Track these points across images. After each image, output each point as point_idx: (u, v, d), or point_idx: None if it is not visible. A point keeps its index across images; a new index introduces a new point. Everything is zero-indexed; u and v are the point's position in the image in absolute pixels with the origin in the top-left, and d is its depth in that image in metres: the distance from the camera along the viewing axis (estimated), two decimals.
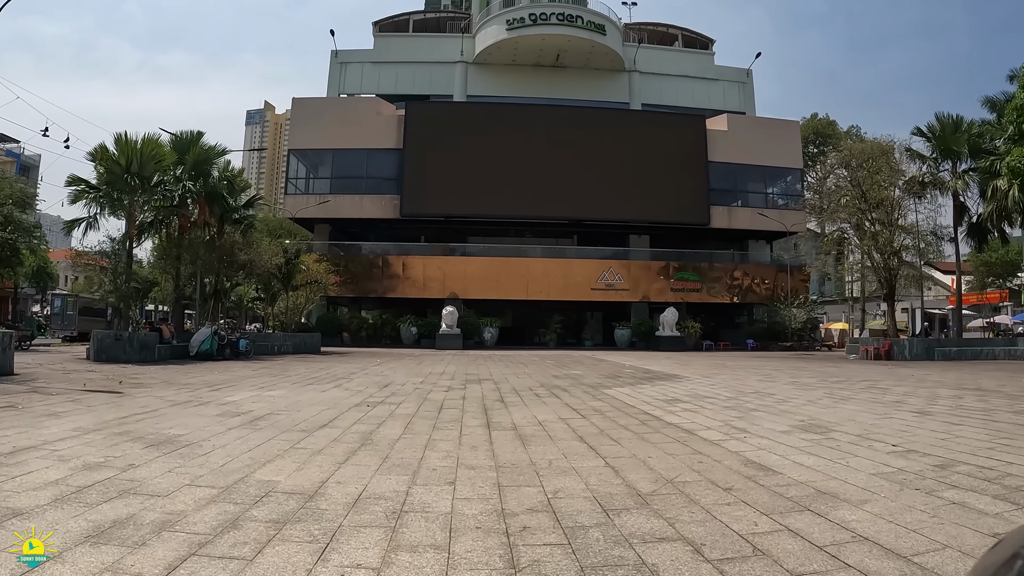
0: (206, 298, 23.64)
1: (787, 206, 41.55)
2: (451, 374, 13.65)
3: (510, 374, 13.90)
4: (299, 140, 35.69)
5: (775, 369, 17.08)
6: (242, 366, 15.43)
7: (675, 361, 21.23)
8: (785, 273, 38.64)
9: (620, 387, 10.99)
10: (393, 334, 32.71)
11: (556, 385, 11.20)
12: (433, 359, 20.57)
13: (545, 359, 21.52)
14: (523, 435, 5.89)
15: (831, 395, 9.87)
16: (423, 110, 36.55)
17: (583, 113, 37.80)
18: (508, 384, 11.27)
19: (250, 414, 6.96)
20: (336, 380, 11.59)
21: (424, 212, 35.19)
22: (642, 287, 36.04)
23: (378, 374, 13.37)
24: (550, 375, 13.80)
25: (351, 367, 15.64)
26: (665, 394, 9.93)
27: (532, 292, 34.43)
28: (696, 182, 37.76)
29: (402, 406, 7.93)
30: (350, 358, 20.62)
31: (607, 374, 14.34)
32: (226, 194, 23.75)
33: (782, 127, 41.95)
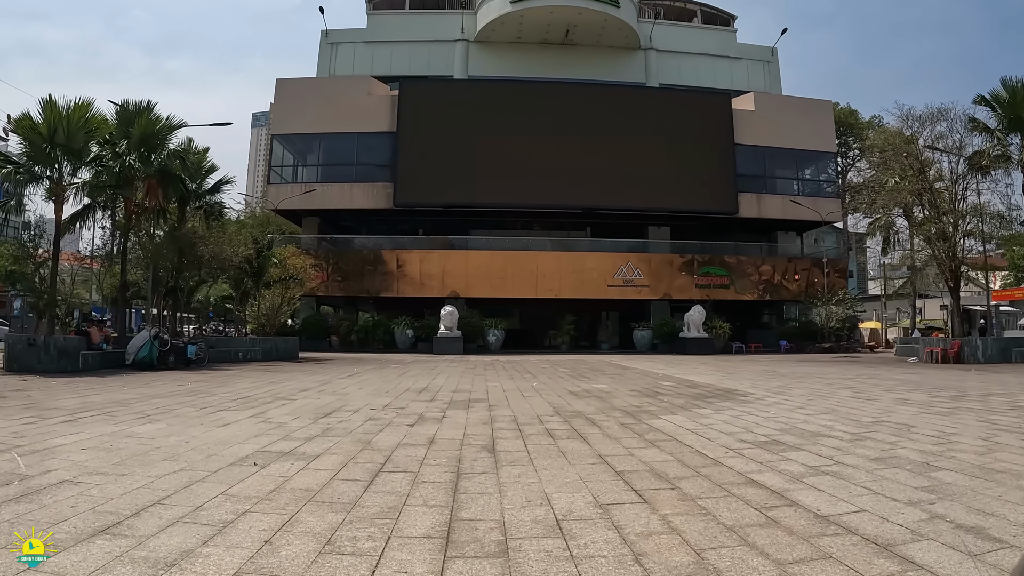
0: (162, 297, 20.40)
1: (821, 193, 37.94)
2: (435, 391, 10.23)
3: (513, 391, 10.45)
4: (283, 124, 32.35)
5: (844, 378, 13.55)
6: (175, 379, 12.08)
7: (714, 368, 17.72)
8: (819, 267, 34.99)
9: (670, 414, 7.53)
10: (387, 337, 29.35)
11: (576, 411, 7.76)
12: (424, 367, 17.17)
13: (557, 366, 18.06)
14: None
15: (985, 422, 6.36)
16: (419, 89, 33.09)
17: (597, 91, 34.24)
18: (508, 410, 7.81)
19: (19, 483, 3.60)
20: (268, 403, 8.20)
21: (420, 201, 31.75)
22: (663, 283, 32.47)
23: (337, 392, 9.97)
24: (566, 391, 10.34)
25: (312, 380, 12.26)
26: (747, 428, 6.44)
27: (541, 290, 30.97)
28: (722, 167, 34.17)
29: (315, 464, 4.52)
30: (325, 367, 17.27)
31: (642, 389, 10.85)
32: (184, 176, 20.52)
33: (814, 107, 38.19)
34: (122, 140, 17.82)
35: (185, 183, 20.16)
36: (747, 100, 36.77)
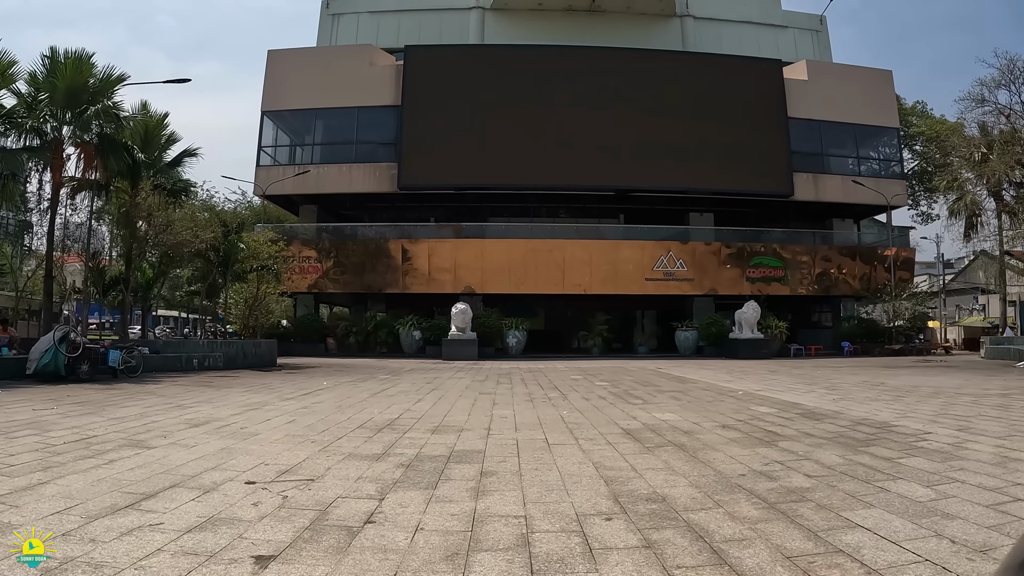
0: (106, 288, 16.89)
1: (883, 174, 33.34)
2: (403, 429, 6.31)
3: (530, 428, 6.47)
4: (275, 100, 28.64)
5: (1001, 394, 9.29)
6: (50, 398, 8.29)
7: (796, 378, 13.57)
8: (881, 258, 30.50)
9: (861, 504, 3.46)
10: (391, 340, 25.54)
11: (655, 495, 3.75)
12: (419, 379, 13.30)
13: (593, 377, 14.05)
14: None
15: None
16: (427, 56, 29.03)
17: (630, 57, 29.94)
18: (514, 497, 3.79)
19: None
20: (108, 453, 4.38)
21: (428, 183, 27.80)
22: (709, 277, 28.15)
23: (240, 432, 6.11)
24: (616, 430, 6.32)
25: (243, 401, 8.44)
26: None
27: (569, 285, 26.90)
28: (774, 143, 29.77)
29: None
30: (293, 378, 13.51)
31: (736, 423, 6.77)
32: (134, 145, 16.99)
33: (872, 77, 33.41)
34: (43, 94, 14.29)
35: (133, 153, 16.60)
36: (799, 69, 32.33)
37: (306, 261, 26.51)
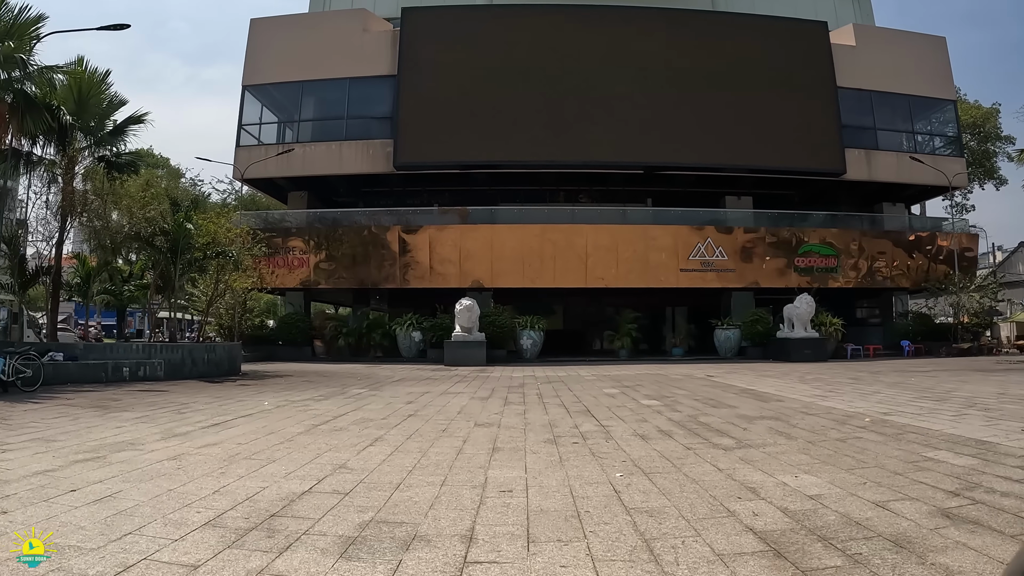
0: (27, 282, 13.88)
1: (940, 151, 29.64)
2: (299, 528, 3.04)
3: (555, 520, 3.20)
4: (257, 73, 25.47)
5: None
6: None
7: (909, 391, 10.11)
8: (940, 247, 26.88)
9: None
10: (386, 342, 22.31)
11: None
12: (399, 397, 10.06)
13: (631, 390, 10.71)
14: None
15: None
16: (427, 18, 25.52)
17: (656, 18, 26.44)
18: None
19: None
20: None
21: (428, 161, 24.39)
22: (752, 267, 24.58)
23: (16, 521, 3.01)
24: (730, 524, 2.99)
25: (118, 435, 5.22)
26: None
27: (592, 277, 23.50)
28: (822, 115, 26.17)
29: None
30: (243, 392, 10.36)
31: (933, 489, 3.39)
32: (63, 105, 13.95)
33: (925, 44, 29.60)
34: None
35: (56, 113, 13.52)
36: (845, 33, 28.69)
37: (292, 253, 23.39)
